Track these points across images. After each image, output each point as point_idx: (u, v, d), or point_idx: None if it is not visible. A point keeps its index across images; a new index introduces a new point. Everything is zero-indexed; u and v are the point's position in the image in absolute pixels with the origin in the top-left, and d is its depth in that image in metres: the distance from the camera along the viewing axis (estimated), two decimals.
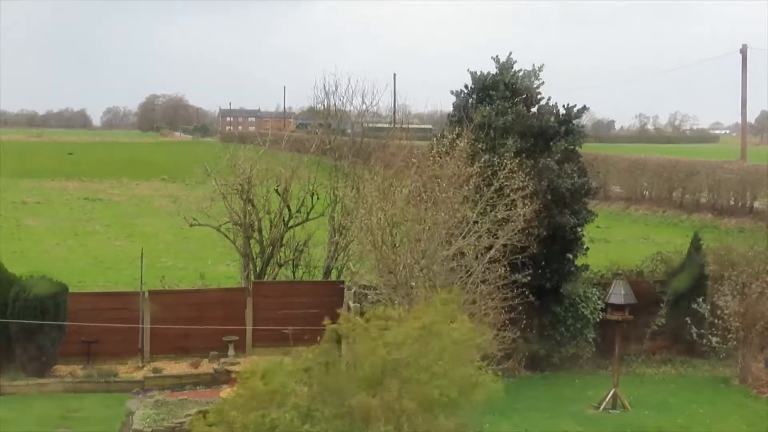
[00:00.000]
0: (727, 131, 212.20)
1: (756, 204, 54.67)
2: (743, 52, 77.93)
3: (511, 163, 23.24)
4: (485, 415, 19.18)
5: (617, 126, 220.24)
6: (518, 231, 22.90)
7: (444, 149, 23.10)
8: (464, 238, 22.27)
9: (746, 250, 27.51)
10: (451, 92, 27.87)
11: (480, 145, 25.11)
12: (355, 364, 12.86)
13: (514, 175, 23.09)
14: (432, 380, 12.69)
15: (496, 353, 20.17)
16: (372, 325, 13.34)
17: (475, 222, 22.53)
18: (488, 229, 22.59)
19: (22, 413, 22.45)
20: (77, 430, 21.64)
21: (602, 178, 63.31)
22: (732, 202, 56.72)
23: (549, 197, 25.44)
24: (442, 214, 21.88)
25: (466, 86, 27.64)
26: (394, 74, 67.37)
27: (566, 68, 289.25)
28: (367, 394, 12.36)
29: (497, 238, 22.77)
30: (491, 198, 22.99)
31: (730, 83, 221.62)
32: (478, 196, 22.95)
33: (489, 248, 22.62)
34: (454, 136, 23.65)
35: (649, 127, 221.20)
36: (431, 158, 23.21)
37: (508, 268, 22.92)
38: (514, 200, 22.98)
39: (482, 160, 23.82)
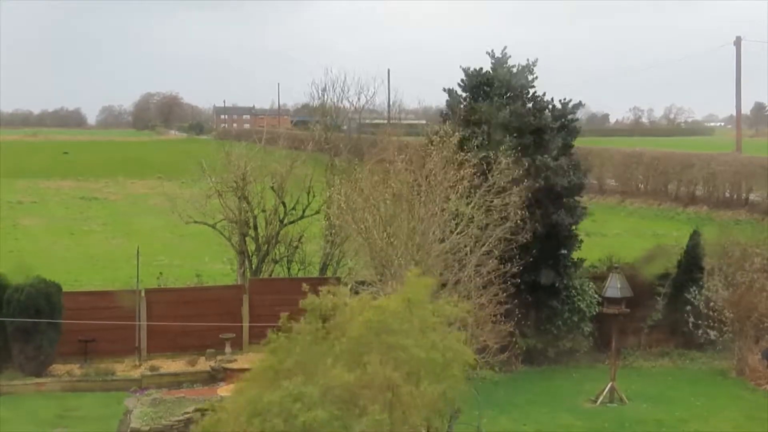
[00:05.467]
0: (722, 123, 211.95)
1: (752, 196, 54.59)
2: (737, 44, 78.04)
3: (506, 158, 23.22)
4: (484, 410, 19.20)
5: (612, 119, 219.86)
6: (513, 225, 22.95)
7: (436, 143, 23.11)
8: (459, 233, 22.27)
9: (740, 241, 27.56)
10: (444, 89, 27.92)
11: (475, 141, 25.12)
12: (337, 337, 13.07)
13: (508, 170, 23.08)
14: (416, 344, 12.89)
15: (492, 346, 20.27)
16: (355, 302, 13.70)
17: (471, 218, 22.53)
18: (484, 222, 22.60)
19: (20, 412, 22.46)
20: (75, 428, 21.66)
21: (597, 171, 63.22)
22: (727, 195, 56.63)
23: (544, 194, 25.47)
24: (435, 207, 21.88)
25: (460, 82, 27.65)
26: (389, 70, 67.22)
27: (560, 62, 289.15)
28: (348, 369, 12.49)
29: (491, 231, 22.80)
30: (485, 193, 22.99)
31: (725, 75, 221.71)
32: (471, 190, 22.95)
33: (485, 241, 22.64)
34: (447, 131, 23.63)
35: (644, 120, 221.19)
36: (423, 152, 23.21)
37: (502, 263, 22.95)
38: (505, 190, 23.00)
39: (478, 156, 23.80)
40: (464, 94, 27.61)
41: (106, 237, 49.57)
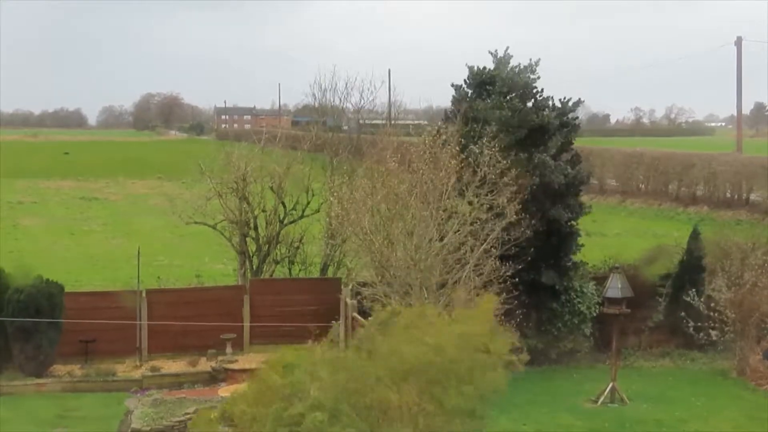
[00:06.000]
0: (723, 123, 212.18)
1: (752, 196, 54.59)
2: (738, 44, 78.12)
3: (491, 150, 23.16)
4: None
5: (612, 119, 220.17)
6: (511, 223, 22.93)
7: (436, 143, 23.08)
8: (456, 231, 22.26)
9: (741, 241, 27.54)
10: (451, 85, 27.93)
11: (474, 139, 25.09)
12: (387, 357, 12.87)
13: (500, 164, 23.04)
14: (459, 386, 12.75)
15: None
16: (418, 319, 13.42)
17: (469, 213, 22.50)
18: (481, 219, 22.57)
19: (20, 413, 22.44)
20: (75, 429, 21.64)
21: (598, 172, 63.24)
22: (728, 195, 56.65)
23: (541, 192, 25.44)
24: (432, 207, 21.86)
25: (465, 80, 27.67)
26: (389, 71, 67.04)
27: (560, 62, 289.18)
28: (390, 390, 12.38)
29: (490, 229, 22.77)
30: (478, 187, 22.94)
31: (725, 75, 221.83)
32: (466, 187, 22.90)
33: (483, 239, 22.62)
34: (447, 131, 23.59)
35: (645, 120, 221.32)
36: (423, 153, 23.18)
37: (502, 262, 22.93)
38: (497, 185, 22.94)
39: (472, 151, 23.75)
40: (469, 92, 27.62)
41: (106, 237, 49.62)
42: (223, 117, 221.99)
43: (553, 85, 27.71)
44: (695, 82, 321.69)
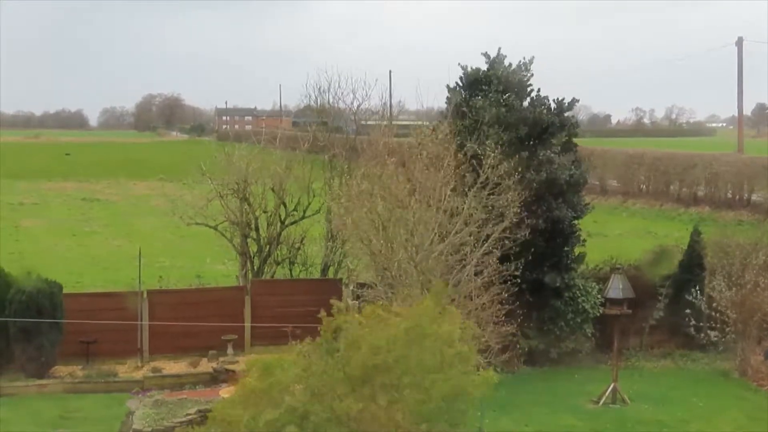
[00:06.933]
0: (724, 124, 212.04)
1: (754, 197, 54.55)
2: (739, 44, 78.03)
3: (495, 152, 23.11)
4: (485, 411, 19.18)
5: (613, 120, 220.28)
6: (513, 223, 22.90)
7: (426, 141, 23.07)
8: (458, 232, 22.23)
9: (743, 241, 27.53)
10: (447, 87, 27.90)
11: (472, 138, 25.09)
12: (346, 362, 12.77)
13: (501, 163, 22.99)
14: (418, 383, 12.59)
15: (494, 347, 20.23)
16: (368, 320, 13.27)
17: (470, 215, 22.47)
18: (482, 220, 22.54)
19: (22, 413, 22.43)
20: (77, 430, 21.63)
21: (599, 172, 63.20)
22: (729, 195, 56.61)
23: (546, 189, 25.41)
24: (432, 206, 21.82)
25: (458, 80, 27.65)
26: (390, 71, 67.19)
27: (561, 62, 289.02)
28: (356, 397, 12.26)
29: (489, 229, 22.74)
30: (480, 188, 22.90)
31: (726, 76, 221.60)
32: (467, 187, 22.86)
33: (484, 240, 22.59)
34: (437, 127, 23.58)
35: (646, 120, 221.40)
36: (416, 151, 23.16)
37: (504, 262, 22.91)
38: (500, 186, 22.89)
39: (470, 150, 23.72)
40: (463, 93, 27.58)
41: (107, 238, 49.64)
42: (224, 118, 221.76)
43: (554, 86, 27.69)
44: (696, 83, 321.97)
